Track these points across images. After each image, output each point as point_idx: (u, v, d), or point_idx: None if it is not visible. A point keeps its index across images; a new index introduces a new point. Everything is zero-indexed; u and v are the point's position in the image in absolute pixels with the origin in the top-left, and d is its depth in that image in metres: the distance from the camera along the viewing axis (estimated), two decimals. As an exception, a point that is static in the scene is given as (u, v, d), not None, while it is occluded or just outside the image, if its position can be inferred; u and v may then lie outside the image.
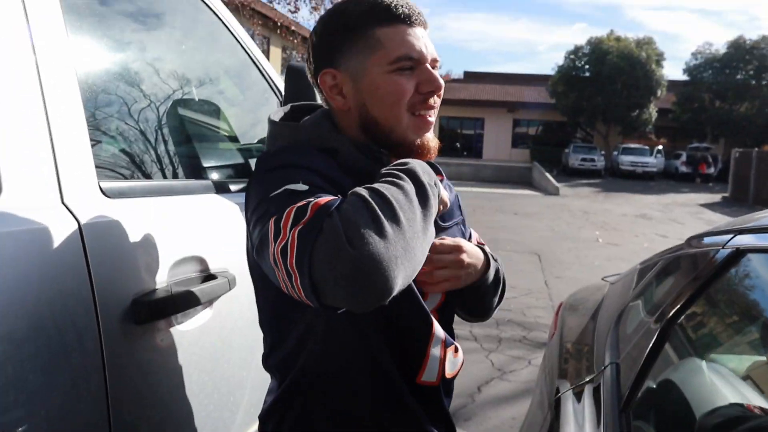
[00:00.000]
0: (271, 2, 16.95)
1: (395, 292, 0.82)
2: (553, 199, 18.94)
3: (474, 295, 1.17)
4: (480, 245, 1.24)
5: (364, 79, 1.06)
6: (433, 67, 1.07)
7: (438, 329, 1.10)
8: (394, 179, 0.92)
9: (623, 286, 1.90)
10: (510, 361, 4.52)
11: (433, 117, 1.09)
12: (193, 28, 1.93)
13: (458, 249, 1.09)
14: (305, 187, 0.91)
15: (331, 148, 1.06)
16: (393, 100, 1.05)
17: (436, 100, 1.08)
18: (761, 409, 0.87)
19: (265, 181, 0.96)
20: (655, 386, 1.19)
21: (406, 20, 1.05)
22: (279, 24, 17.64)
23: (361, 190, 0.87)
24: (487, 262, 1.16)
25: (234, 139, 2.05)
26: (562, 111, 32.53)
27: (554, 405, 1.59)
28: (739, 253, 1.11)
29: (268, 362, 1.15)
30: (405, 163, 0.98)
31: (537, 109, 34.82)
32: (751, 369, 1.04)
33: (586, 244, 10.27)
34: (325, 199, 0.87)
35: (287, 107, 1.19)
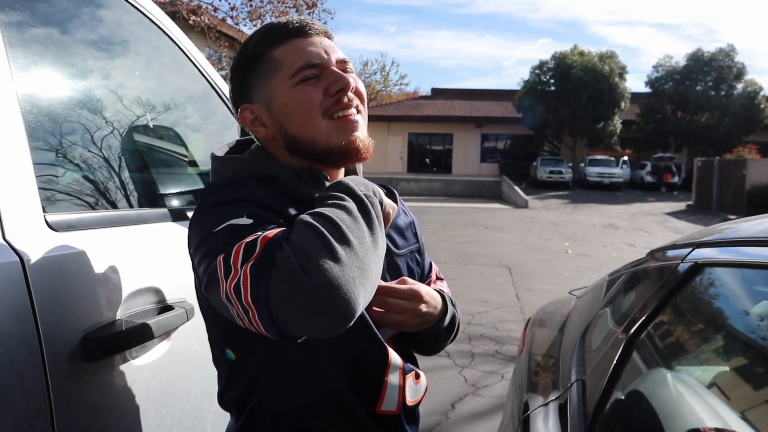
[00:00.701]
0: (237, 24, 16.95)
1: (359, 313, 0.81)
2: (523, 212, 19.12)
3: (426, 336, 1.15)
4: (439, 281, 1.24)
5: (275, 102, 1.06)
6: (343, 70, 1.06)
7: (394, 357, 1.08)
8: (335, 200, 0.91)
9: (588, 300, 1.90)
10: (483, 376, 4.51)
11: (356, 115, 1.06)
12: (152, 56, 1.90)
13: (416, 297, 1.08)
14: (249, 221, 0.89)
15: (270, 176, 1.04)
16: (304, 110, 1.03)
17: (352, 98, 1.06)
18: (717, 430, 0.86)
19: (206, 217, 0.94)
20: (620, 402, 1.18)
21: (300, 33, 1.06)
22: (245, 45, 17.55)
23: (307, 217, 0.86)
24: (444, 309, 1.15)
25: (193, 164, 2.01)
26: (529, 125, 32.98)
27: (523, 423, 1.57)
28: (698, 267, 1.12)
29: (224, 399, 1.11)
30: (338, 183, 0.97)
31: (504, 124, 35.26)
32: (715, 379, 1.04)
33: (555, 255, 10.36)
34: (273, 231, 0.85)
35: (233, 142, 1.19)
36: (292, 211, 0.98)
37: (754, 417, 0.89)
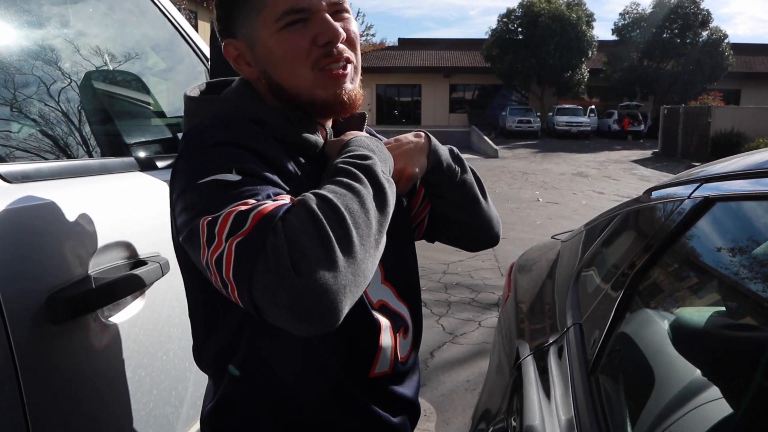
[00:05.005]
0: (195, -28, 16.30)
1: (341, 320, 0.73)
2: (493, 161, 19.16)
3: (449, 189, 1.10)
4: None
5: (258, 45, 0.95)
6: (336, 11, 0.95)
7: (383, 321, 1.01)
8: (351, 181, 0.81)
9: (579, 242, 1.85)
10: (460, 324, 4.53)
11: (345, 68, 0.96)
12: (112, 1, 1.76)
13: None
14: (237, 178, 0.80)
15: (257, 119, 0.94)
16: (289, 61, 0.93)
17: (342, 50, 0.95)
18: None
19: (192, 161, 0.85)
20: (623, 346, 1.14)
21: None
22: (205, -4, 17.01)
23: (311, 199, 0.76)
24: (426, 138, 1.08)
25: (161, 113, 1.89)
26: (497, 74, 32.79)
27: (516, 369, 1.53)
28: (708, 202, 1.06)
29: (201, 357, 1.03)
30: (365, 157, 0.87)
31: (473, 74, 35.04)
32: (722, 319, 1.00)
33: (527, 204, 10.42)
34: (269, 206, 0.75)
35: (202, 84, 1.07)
36: (286, 160, 0.90)
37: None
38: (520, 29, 32.55)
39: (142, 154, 1.57)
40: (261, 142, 0.88)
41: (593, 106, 32.84)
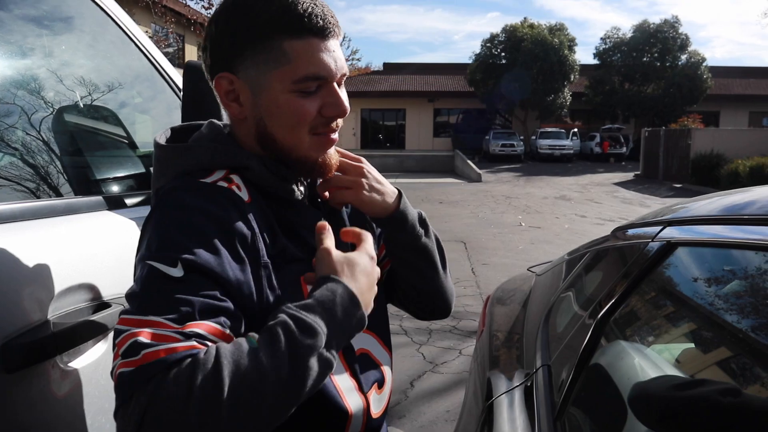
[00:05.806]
0: (184, -1, 16.42)
1: None
2: (476, 185, 19.26)
3: (410, 251, 1.11)
4: None
5: (264, 94, 0.94)
6: (339, 84, 0.98)
7: (342, 383, 0.97)
8: (272, 358, 0.73)
9: (550, 278, 1.86)
10: (441, 352, 4.51)
11: (336, 134, 1.01)
12: (89, 36, 1.76)
13: (358, 160, 1.07)
14: (179, 274, 0.78)
15: (240, 166, 0.95)
16: (294, 122, 0.95)
17: (339, 122, 1.00)
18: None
19: (156, 225, 0.86)
20: (589, 390, 1.14)
21: (320, 33, 0.93)
22: (193, 21, 17.12)
23: (206, 363, 0.70)
24: (398, 194, 1.10)
25: (133, 145, 1.88)
26: (481, 99, 33.13)
27: (487, 409, 1.53)
28: (671, 246, 1.07)
29: None
30: (313, 332, 0.77)
31: (457, 98, 35.37)
32: (684, 360, 1.00)
33: (509, 228, 10.46)
34: (162, 351, 0.71)
35: (167, 130, 1.06)
36: (251, 231, 0.88)
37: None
38: (503, 54, 32.98)
39: (111, 190, 1.56)
40: (228, 211, 0.88)
41: (576, 129, 33.22)
